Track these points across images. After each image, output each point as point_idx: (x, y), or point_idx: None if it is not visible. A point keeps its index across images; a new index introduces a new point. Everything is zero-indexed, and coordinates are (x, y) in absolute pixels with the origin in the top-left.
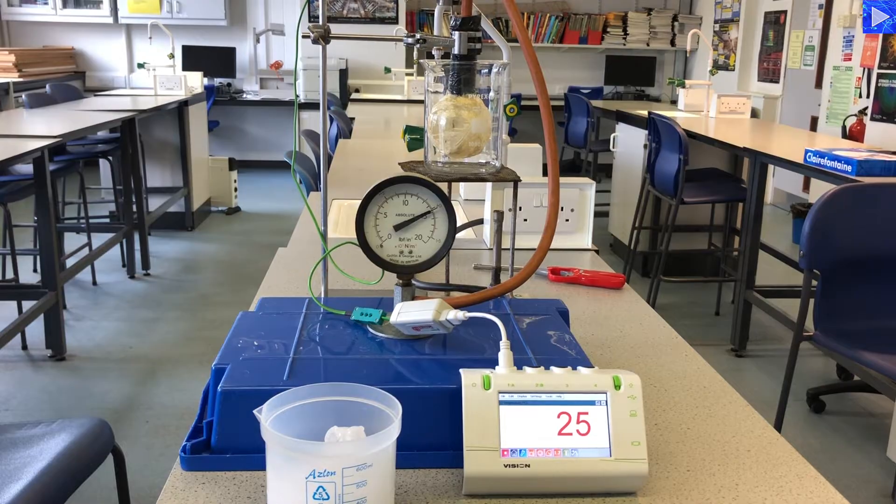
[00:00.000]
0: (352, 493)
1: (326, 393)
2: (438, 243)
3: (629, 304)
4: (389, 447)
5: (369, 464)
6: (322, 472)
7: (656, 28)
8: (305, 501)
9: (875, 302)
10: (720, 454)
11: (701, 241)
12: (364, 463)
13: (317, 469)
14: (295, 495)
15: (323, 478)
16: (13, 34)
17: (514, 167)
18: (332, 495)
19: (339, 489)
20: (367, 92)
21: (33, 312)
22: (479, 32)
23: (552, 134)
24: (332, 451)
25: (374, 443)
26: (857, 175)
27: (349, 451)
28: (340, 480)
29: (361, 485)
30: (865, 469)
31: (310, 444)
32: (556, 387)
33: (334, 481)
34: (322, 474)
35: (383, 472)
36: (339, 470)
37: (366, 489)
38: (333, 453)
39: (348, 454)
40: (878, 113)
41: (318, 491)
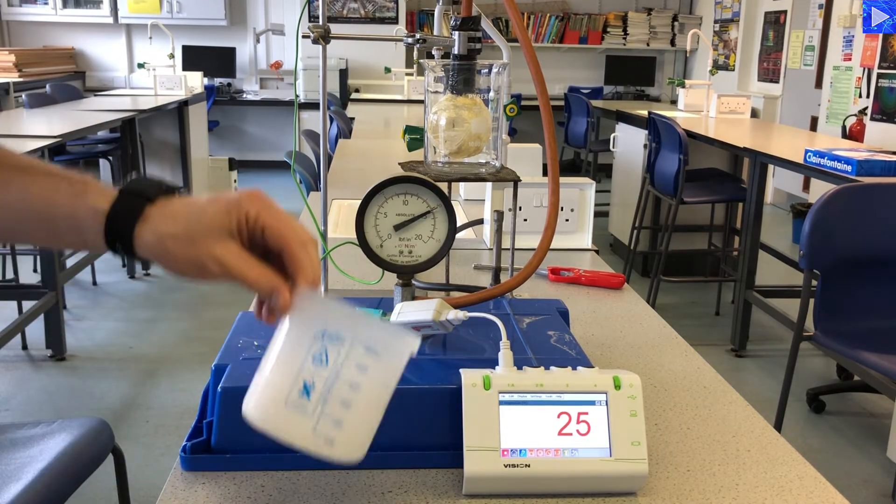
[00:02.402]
0: (350, 371)
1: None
2: (438, 243)
3: (629, 304)
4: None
5: (378, 352)
6: (332, 334)
7: (656, 28)
8: (303, 361)
9: (875, 302)
10: (720, 454)
11: (701, 241)
12: (374, 349)
13: (329, 329)
14: (298, 356)
15: (330, 341)
16: (13, 34)
17: (514, 167)
18: (332, 364)
19: (341, 359)
20: (367, 92)
21: (33, 312)
22: (479, 32)
23: (552, 134)
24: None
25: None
26: (857, 175)
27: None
28: (346, 351)
29: (362, 369)
30: (865, 469)
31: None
32: (556, 387)
33: (339, 350)
34: (331, 337)
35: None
36: (349, 340)
37: (364, 377)
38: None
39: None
40: (878, 113)
41: (320, 353)
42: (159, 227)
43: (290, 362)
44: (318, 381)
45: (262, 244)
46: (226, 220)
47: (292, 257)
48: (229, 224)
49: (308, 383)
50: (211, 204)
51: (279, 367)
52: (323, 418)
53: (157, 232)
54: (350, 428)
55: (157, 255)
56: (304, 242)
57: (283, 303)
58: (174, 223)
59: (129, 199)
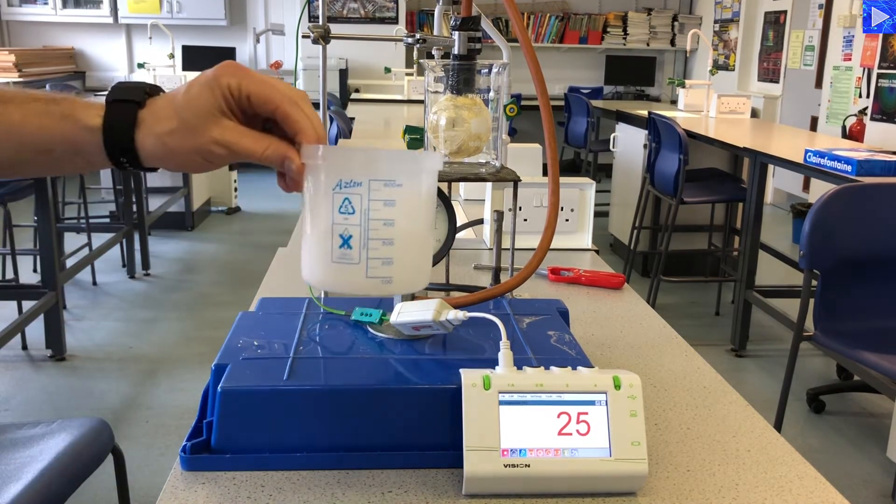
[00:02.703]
0: (378, 211)
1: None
2: (438, 243)
3: (629, 304)
4: (424, 174)
5: (399, 182)
6: (348, 182)
7: (656, 28)
8: (332, 217)
9: (875, 302)
10: (720, 454)
11: (701, 241)
12: (392, 180)
13: (343, 179)
14: (326, 213)
15: (349, 189)
16: (13, 34)
17: (514, 167)
18: (358, 210)
19: (365, 203)
20: (367, 92)
21: (33, 312)
22: (479, 32)
23: (552, 134)
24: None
25: (403, 159)
26: (857, 175)
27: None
28: (367, 193)
29: (390, 203)
30: (865, 469)
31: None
32: (556, 387)
33: (360, 193)
34: (348, 185)
35: (415, 196)
36: (366, 182)
37: (395, 210)
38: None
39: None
40: (878, 113)
41: (343, 203)
42: (155, 128)
43: (321, 221)
44: (352, 230)
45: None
46: (211, 99)
47: (286, 118)
48: (216, 102)
49: (344, 235)
50: (192, 88)
51: (314, 229)
52: (371, 262)
53: (155, 133)
54: (402, 261)
55: (161, 157)
56: (294, 100)
57: (296, 167)
58: (167, 120)
59: (119, 109)
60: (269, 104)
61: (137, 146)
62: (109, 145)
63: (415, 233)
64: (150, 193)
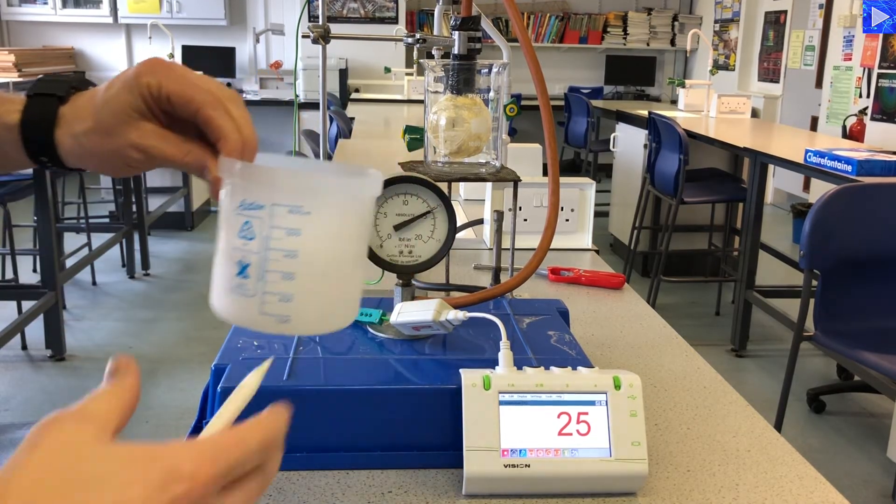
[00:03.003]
0: (280, 240)
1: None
2: (438, 243)
3: (629, 304)
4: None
5: (306, 210)
6: (251, 203)
7: (656, 28)
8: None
9: (875, 302)
10: (720, 454)
11: (701, 241)
12: (299, 206)
13: (246, 199)
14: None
15: (250, 211)
16: (13, 34)
17: (514, 167)
18: (258, 236)
19: (266, 229)
20: (367, 92)
21: (33, 312)
22: (479, 32)
23: (552, 134)
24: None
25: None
26: (858, 175)
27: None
28: (269, 218)
29: (294, 233)
30: (865, 469)
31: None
32: (556, 387)
33: (261, 217)
34: (250, 206)
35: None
36: (269, 206)
37: (299, 241)
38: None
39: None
40: (878, 113)
41: (244, 227)
42: (73, 126)
43: (225, 244)
44: (250, 258)
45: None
46: (130, 99)
47: (208, 122)
48: (135, 102)
49: (242, 262)
50: (112, 86)
51: (220, 252)
52: (267, 297)
53: (72, 132)
54: (305, 300)
55: (79, 157)
56: (219, 102)
57: (211, 179)
58: (85, 119)
59: (39, 105)
60: (190, 105)
61: (57, 144)
62: (27, 143)
63: (326, 269)
64: (150, 193)
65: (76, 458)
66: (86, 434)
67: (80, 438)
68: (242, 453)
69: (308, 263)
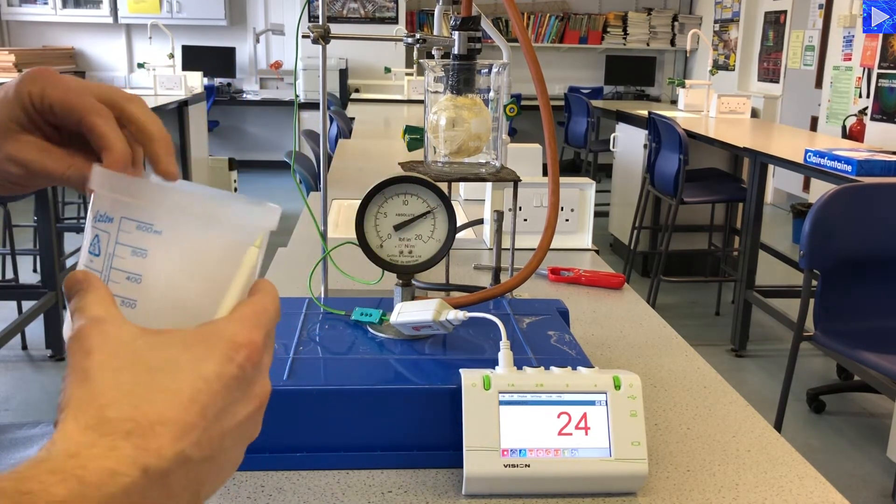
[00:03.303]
0: (124, 259)
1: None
2: (438, 243)
3: (629, 304)
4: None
5: (157, 228)
6: (103, 215)
7: (656, 28)
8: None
9: (875, 302)
10: (720, 454)
11: (701, 241)
12: (150, 224)
13: (100, 210)
14: (83, 249)
15: (101, 223)
16: (13, 34)
17: (514, 167)
18: (103, 252)
19: (111, 246)
20: (367, 92)
21: (33, 312)
22: (479, 32)
23: (552, 134)
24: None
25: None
26: (857, 175)
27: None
28: (115, 234)
29: (139, 253)
30: (865, 469)
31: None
32: (556, 387)
33: (109, 231)
34: (101, 218)
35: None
36: (117, 219)
37: (144, 263)
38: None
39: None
40: (878, 113)
41: (93, 241)
42: None
43: (81, 258)
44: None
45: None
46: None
47: (91, 131)
48: (14, 113)
49: None
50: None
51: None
52: None
53: None
54: None
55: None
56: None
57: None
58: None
59: None
60: (72, 114)
61: None
62: None
63: (174, 303)
64: None
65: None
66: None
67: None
68: (272, 316)
69: (153, 292)
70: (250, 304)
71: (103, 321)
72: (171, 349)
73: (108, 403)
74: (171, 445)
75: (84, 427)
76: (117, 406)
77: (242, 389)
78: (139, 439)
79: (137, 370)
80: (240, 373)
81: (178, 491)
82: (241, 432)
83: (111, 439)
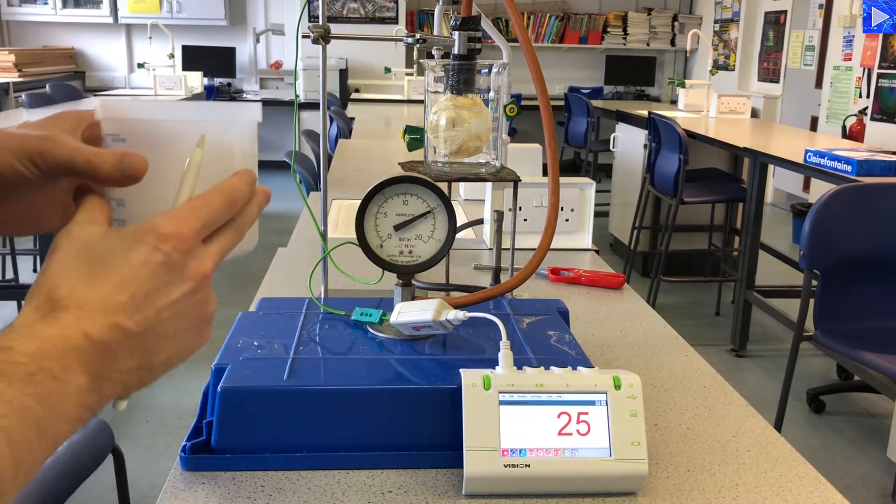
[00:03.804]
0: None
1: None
2: (438, 243)
3: (629, 304)
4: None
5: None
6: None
7: (656, 28)
8: None
9: (875, 302)
10: (720, 454)
11: (701, 241)
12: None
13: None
14: None
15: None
16: (13, 34)
17: (514, 167)
18: None
19: None
20: (367, 92)
21: None
22: (479, 32)
23: (552, 134)
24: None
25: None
26: (857, 175)
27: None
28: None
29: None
30: (865, 469)
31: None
32: (556, 387)
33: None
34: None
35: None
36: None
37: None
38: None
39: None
40: (878, 113)
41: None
42: None
43: None
44: None
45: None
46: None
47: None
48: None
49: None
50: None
51: None
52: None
53: None
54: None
55: None
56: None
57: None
58: None
59: None
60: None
61: None
62: None
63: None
64: None
65: (88, 246)
66: (92, 231)
67: (89, 234)
68: (210, 211)
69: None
70: (193, 200)
71: (74, 225)
72: (111, 244)
73: (53, 288)
74: (103, 318)
75: (34, 308)
76: (60, 289)
77: (174, 273)
78: (77, 311)
79: (82, 261)
80: (166, 259)
81: (122, 355)
82: (180, 309)
83: (56, 313)
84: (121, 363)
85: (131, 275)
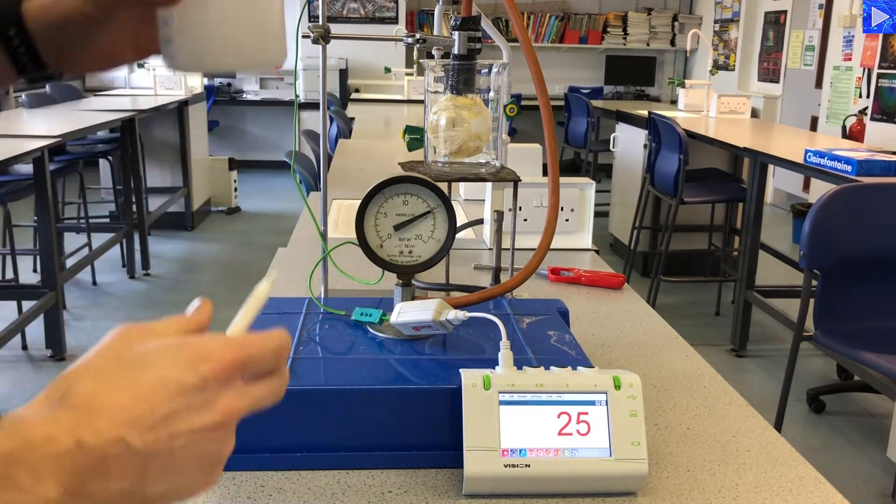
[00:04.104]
0: None
1: None
2: (438, 243)
3: (629, 304)
4: None
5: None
6: None
7: (656, 28)
8: None
9: (875, 302)
10: (720, 454)
11: (701, 241)
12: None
13: None
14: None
15: None
16: None
17: (514, 167)
18: None
19: None
20: (367, 92)
21: (33, 312)
22: (479, 32)
23: (552, 134)
24: None
25: None
26: (857, 175)
27: None
28: None
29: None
30: (865, 469)
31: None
32: (556, 387)
33: None
34: None
35: None
36: None
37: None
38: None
39: None
40: (878, 113)
41: None
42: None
43: None
44: None
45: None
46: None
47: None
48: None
49: None
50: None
51: None
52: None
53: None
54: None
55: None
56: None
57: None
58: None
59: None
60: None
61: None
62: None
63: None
64: (150, 193)
65: (129, 345)
66: (141, 332)
67: (136, 335)
68: (261, 350)
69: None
70: (247, 335)
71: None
72: (154, 348)
73: (76, 379)
74: (109, 427)
75: (46, 397)
76: (81, 383)
77: (202, 400)
78: (82, 413)
79: (116, 360)
80: (201, 383)
81: (116, 474)
82: (197, 441)
83: (57, 409)
84: (111, 482)
85: (158, 387)
